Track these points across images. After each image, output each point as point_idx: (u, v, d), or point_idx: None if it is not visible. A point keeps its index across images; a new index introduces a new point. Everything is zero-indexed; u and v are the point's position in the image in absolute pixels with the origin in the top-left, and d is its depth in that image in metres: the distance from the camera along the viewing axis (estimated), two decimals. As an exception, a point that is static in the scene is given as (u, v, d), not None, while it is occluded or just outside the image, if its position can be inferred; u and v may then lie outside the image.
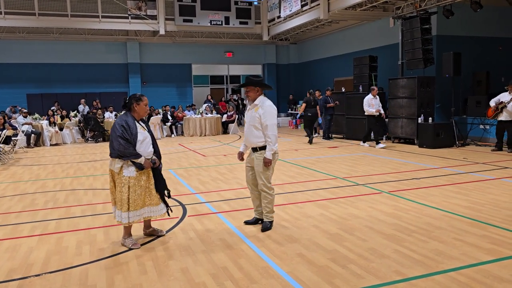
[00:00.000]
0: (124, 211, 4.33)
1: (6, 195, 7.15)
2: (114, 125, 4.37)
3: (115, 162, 4.36)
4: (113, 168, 4.38)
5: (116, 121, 4.41)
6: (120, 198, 4.34)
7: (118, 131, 4.29)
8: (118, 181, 4.36)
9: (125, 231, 4.51)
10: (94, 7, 18.52)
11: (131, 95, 4.55)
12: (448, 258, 3.91)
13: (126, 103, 4.48)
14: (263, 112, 4.78)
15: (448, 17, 12.47)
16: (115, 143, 4.27)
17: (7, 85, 19.10)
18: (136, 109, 4.45)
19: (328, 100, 14.29)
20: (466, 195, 6.22)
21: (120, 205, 4.35)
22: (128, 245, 4.43)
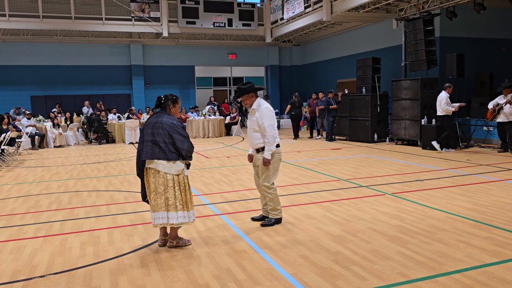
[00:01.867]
0: (191, 210, 4.32)
1: (10, 196, 7.19)
2: (173, 126, 4.20)
3: (176, 164, 4.21)
4: (172, 172, 4.19)
5: (171, 122, 4.23)
6: (184, 199, 4.26)
7: (184, 132, 4.24)
8: (180, 182, 4.23)
9: (176, 232, 4.43)
10: (98, 10, 18.60)
11: (166, 96, 4.41)
12: (452, 260, 3.90)
13: (162, 103, 4.37)
14: (260, 115, 4.88)
15: (451, 18, 12.47)
16: (186, 144, 4.21)
17: (11, 87, 19.21)
18: (172, 111, 4.38)
19: (331, 102, 14.30)
20: (469, 197, 6.20)
21: (184, 206, 4.27)
22: (184, 244, 4.43)
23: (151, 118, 4.37)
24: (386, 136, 13.69)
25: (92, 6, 18.55)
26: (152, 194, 4.26)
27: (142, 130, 4.42)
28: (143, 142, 4.29)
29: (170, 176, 4.20)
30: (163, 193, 4.22)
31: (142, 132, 4.38)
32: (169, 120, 4.24)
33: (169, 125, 4.21)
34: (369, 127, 13.61)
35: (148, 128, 4.30)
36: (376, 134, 13.63)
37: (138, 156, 4.33)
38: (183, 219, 4.28)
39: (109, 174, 9.15)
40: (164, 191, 4.21)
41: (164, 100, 4.38)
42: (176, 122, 4.27)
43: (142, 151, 4.26)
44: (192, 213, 4.36)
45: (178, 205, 4.24)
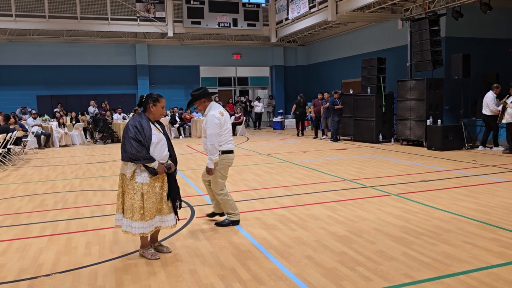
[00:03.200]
0: (135, 220, 3.98)
1: (16, 195, 7.23)
2: (126, 126, 4.05)
3: (127, 166, 4.03)
4: (124, 173, 4.05)
5: (129, 122, 4.08)
6: (131, 206, 3.99)
7: (131, 132, 3.96)
8: (129, 187, 4.01)
9: (142, 242, 4.19)
10: (104, 10, 18.67)
11: (148, 94, 4.20)
12: (458, 261, 3.88)
13: (142, 102, 4.16)
14: (205, 121, 4.90)
15: (457, 18, 12.40)
16: (127, 145, 3.96)
17: (18, 87, 19.32)
18: (152, 110, 4.12)
19: (336, 102, 14.28)
20: (475, 198, 6.17)
21: (130, 214, 3.99)
22: (147, 256, 4.13)
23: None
24: (391, 137, 13.65)
25: (98, 6, 18.63)
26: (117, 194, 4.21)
27: None
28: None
29: (126, 178, 4.05)
30: (119, 195, 4.11)
31: None
32: (130, 121, 4.09)
33: (127, 125, 4.08)
34: (374, 128, 13.57)
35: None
36: (381, 135, 13.59)
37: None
38: (125, 227, 4.03)
39: (114, 174, 9.18)
40: (120, 192, 4.11)
41: (144, 100, 4.16)
42: (132, 122, 4.04)
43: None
44: (137, 224, 3.98)
45: (127, 210, 4.02)
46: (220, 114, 4.88)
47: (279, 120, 20.96)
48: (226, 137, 4.90)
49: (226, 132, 4.92)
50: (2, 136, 9.94)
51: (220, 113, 4.88)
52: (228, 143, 4.94)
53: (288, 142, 14.79)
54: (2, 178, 9.02)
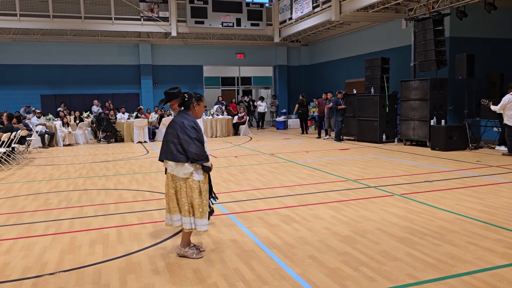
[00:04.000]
0: (197, 218, 4.03)
1: (20, 194, 7.26)
2: (182, 126, 3.96)
3: (184, 167, 3.97)
4: (179, 174, 3.99)
5: (181, 121, 3.99)
6: (190, 204, 4.02)
7: (192, 133, 3.93)
8: (186, 186, 4.00)
9: (187, 240, 4.17)
10: (107, 9, 18.72)
11: (189, 93, 4.17)
12: (462, 262, 3.87)
13: (185, 101, 4.11)
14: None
15: (461, 18, 12.36)
16: (191, 146, 3.91)
17: (22, 86, 19.39)
18: (196, 109, 4.12)
19: (339, 102, 14.26)
20: (479, 199, 6.15)
21: (191, 212, 4.04)
22: (191, 256, 4.10)
23: (174, 117, 4.23)
24: (395, 137, 13.62)
25: (102, 6, 18.67)
26: (166, 195, 4.15)
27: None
28: (162, 142, 4.20)
29: (178, 179, 4.03)
30: (173, 196, 4.07)
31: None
32: (181, 119, 4.02)
33: (180, 124, 3.99)
34: (377, 128, 13.55)
35: (168, 127, 4.16)
36: (384, 135, 13.56)
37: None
38: (190, 225, 4.08)
39: (117, 173, 9.21)
40: (174, 194, 4.07)
41: (187, 99, 4.12)
42: (187, 121, 3.98)
43: (160, 151, 4.16)
44: (201, 221, 4.06)
45: (188, 209, 4.06)
46: None
47: (282, 119, 20.95)
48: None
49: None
50: (7, 135, 9.98)
51: None
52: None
53: (291, 142, 14.78)
54: (6, 177, 9.06)
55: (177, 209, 4.09)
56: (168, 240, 4.68)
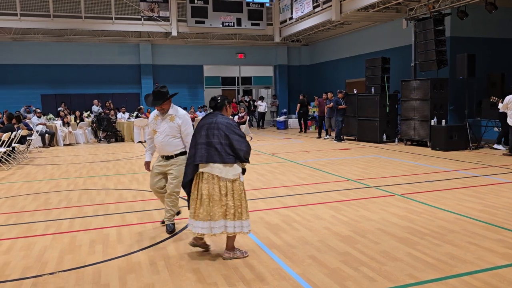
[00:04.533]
0: (247, 219, 3.98)
1: (20, 194, 7.26)
2: (229, 126, 3.94)
3: (234, 168, 3.91)
4: (228, 176, 3.88)
5: (226, 122, 3.97)
6: (240, 206, 3.93)
7: (241, 132, 3.97)
8: (234, 187, 3.91)
9: (233, 243, 4.09)
10: (108, 9, 18.71)
11: (222, 96, 4.23)
12: (462, 262, 3.86)
13: (219, 103, 4.13)
14: (182, 121, 4.73)
15: (462, 18, 12.34)
16: (243, 144, 3.90)
17: (22, 86, 19.39)
18: (228, 111, 4.19)
19: (340, 101, 14.26)
20: (480, 199, 6.14)
21: (237, 215, 3.92)
22: (240, 256, 4.08)
23: (205, 120, 4.09)
24: (395, 137, 13.61)
25: (102, 6, 18.66)
26: (205, 201, 3.91)
27: (194, 134, 4.14)
28: (195, 145, 4.00)
29: (224, 181, 3.89)
30: (219, 201, 3.89)
31: (195, 135, 4.09)
32: (225, 120, 3.97)
33: (225, 125, 3.92)
34: (378, 128, 13.54)
35: (202, 130, 4.00)
36: (385, 135, 13.55)
37: (190, 161, 4.04)
38: (242, 229, 3.95)
39: (118, 173, 9.20)
40: (220, 198, 3.89)
41: (220, 101, 4.13)
42: (232, 122, 4.00)
43: (196, 155, 3.95)
44: (247, 223, 3.98)
45: (236, 214, 3.91)
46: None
47: (282, 119, 20.95)
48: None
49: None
50: (7, 135, 9.98)
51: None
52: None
53: (291, 142, 14.77)
54: (7, 176, 9.06)
55: (222, 214, 3.90)
56: (168, 240, 4.68)
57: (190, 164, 4.04)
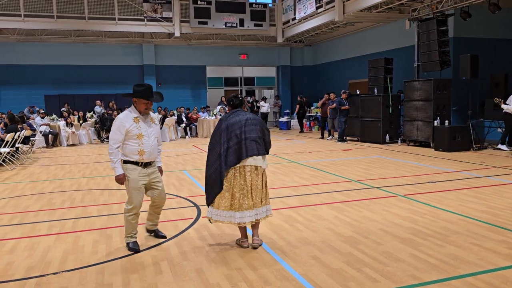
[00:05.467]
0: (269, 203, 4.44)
1: (24, 194, 7.29)
2: (262, 122, 4.42)
3: (265, 158, 4.35)
4: (264, 166, 4.32)
5: (259, 118, 4.43)
6: (267, 192, 4.41)
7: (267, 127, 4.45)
8: (265, 177, 4.35)
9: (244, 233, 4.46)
10: (111, 10, 18.77)
11: (238, 95, 4.50)
12: (465, 263, 3.86)
13: (241, 101, 4.44)
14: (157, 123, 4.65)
15: (465, 19, 12.31)
16: (270, 139, 4.41)
17: (26, 86, 19.47)
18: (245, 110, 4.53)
19: (343, 102, 14.25)
20: (483, 200, 6.13)
21: (268, 199, 4.39)
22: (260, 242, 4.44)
23: (237, 117, 4.26)
24: (398, 137, 13.59)
25: (105, 7, 18.72)
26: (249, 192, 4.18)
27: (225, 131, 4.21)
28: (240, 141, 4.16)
29: (262, 171, 4.32)
30: (261, 189, 4.28)
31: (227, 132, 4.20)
32: (254, 116, 4.40)
33: (259, 120, 4.38)
34: (380, 128, 13.52)
35: (235, 128, 4.19)
36: (387, 135, 13.53)
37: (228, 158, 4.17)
38: (270, 212, 4.41)
39: (121, 173, 9.21)
40: (262, 186, 4.30)
41: (242, 98, 4.48)
42: (257, 116, 4.46)
43: (247, 149, 4.15)
44: (270, 206, 4.45)
45: (267, 199, 4.38)
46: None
47: (285, 120, 20.95)
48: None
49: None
50: (11, 135, 10.02)
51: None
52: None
53: (294, 142, 14.77)
54: (11, 176, 9.10)
55: (264, 201, 4.33)
56: (171, 240, 4.69)
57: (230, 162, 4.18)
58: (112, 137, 4.28)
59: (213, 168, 4.25)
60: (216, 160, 4.23)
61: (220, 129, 4.26)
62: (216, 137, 4.29)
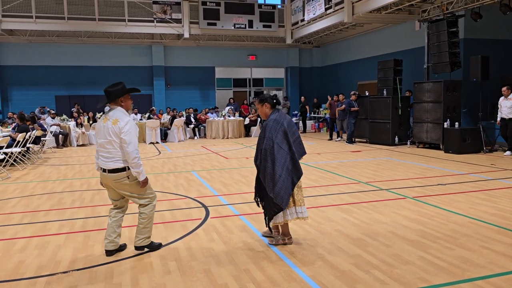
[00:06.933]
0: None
1: (35, 193, 7.37)
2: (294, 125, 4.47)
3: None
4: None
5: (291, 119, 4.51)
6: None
7: None
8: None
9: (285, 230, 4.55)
10: (121, 11, 18.91)
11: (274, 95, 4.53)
12: (475, 266, 3.83)
13: (277, 100, 4.48)
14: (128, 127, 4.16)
15: (476, 20, 12.22)
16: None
17: (37, 87, 19.69)
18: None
19: (353, 104, 14.21)
20: (493, 202, 6.07)
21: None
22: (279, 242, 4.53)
23: (283, 118, 4.36)
24: (407, 139, 13.50)
25: (116, 8, 18.87)
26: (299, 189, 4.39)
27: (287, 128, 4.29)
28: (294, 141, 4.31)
29: None
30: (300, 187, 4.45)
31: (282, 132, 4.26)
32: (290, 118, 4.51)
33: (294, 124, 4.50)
34: (390, 130, 13.45)
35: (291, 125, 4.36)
36: (397, 137, 13.46)
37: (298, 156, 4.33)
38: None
39: (130, 173, 9.27)
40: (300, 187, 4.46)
41: (277, 99, 4.49)
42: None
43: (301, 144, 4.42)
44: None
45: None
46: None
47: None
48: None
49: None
50: (22, 135, 10.14)
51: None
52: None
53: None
54: (21, 176, 9.20)
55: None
56: (179, 240, 4.71)
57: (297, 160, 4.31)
58: (134, 141, 4.04)
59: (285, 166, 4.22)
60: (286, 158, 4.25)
61: (283, 127, 4.29)
62: (279, 136, 4.24)
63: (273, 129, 4.26)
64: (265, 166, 4.23)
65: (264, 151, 4.24)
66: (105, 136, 4.09)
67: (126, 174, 4.12)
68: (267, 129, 4.28)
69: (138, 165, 4.05)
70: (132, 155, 4.01)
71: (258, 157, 4.32)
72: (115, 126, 4.05)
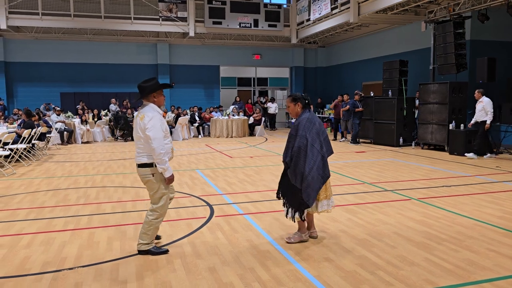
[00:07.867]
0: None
1: (40, 190, 7.40)
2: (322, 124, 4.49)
3: None
4: None
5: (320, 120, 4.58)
6: None
7: None
8: None
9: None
10: (127, 9, 18.95)
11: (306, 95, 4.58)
12: (481, 268, 3.81)
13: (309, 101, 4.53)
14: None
15: (483, 21, 12.14)
16: None
17: (42, 84, 19.76)
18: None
19: (357, 104, 14.18)
20: (499, 205, 6.04)
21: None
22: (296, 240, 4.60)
23: (315, 118, 4.44)
24: (412, 140, 13.46)
25: (121, 6, 18.91)
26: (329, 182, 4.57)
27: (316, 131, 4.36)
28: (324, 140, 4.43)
29: None
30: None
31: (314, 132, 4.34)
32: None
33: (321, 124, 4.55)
34: (394, 131, 13.41)
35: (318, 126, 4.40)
36: (401, 138, 13.42)
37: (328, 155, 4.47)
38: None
39: (134, 171, 9.28)
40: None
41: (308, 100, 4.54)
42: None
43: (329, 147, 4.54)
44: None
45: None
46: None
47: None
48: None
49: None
50: (27, 132, 10.18)
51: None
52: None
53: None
54: (27, 172, 9.24)
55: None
56: (184, 238, 4.71)
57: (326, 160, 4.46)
58: (158, 137, 3.99)
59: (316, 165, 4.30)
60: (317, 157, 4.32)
61: (316, 127, 4.37)
62: (313, 135, 4.31)
63: (306, 128, 4.32)
64: (296, 163, 4.28)
65: (298, 149, 4.29)
66: (137, 131, 4.16)
67: (150, 171, 4.11)
68: (300, 127, 4.33)
69: (163, 161, 4.03)
70: (157, 151, 4.00)
71: (288, 154, 4.36)
72: (141, 122, 4.09)
